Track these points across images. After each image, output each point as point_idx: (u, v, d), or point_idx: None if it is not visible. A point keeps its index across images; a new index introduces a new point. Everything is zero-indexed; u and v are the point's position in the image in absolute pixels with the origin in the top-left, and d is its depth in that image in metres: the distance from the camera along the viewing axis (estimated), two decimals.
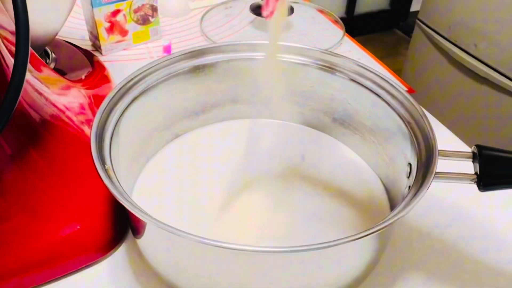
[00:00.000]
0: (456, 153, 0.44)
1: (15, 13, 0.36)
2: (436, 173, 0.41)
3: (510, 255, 0.50)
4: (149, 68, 0.51)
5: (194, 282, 0.42)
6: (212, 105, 0.59)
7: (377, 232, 0.36)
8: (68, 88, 0.56)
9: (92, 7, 0.72)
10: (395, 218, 0.37)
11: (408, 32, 2.40)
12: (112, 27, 0.76)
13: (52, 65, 0.65)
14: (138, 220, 0.41)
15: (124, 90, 0.49)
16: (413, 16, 1.82)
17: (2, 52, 0.40)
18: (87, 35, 0.80)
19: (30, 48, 0.37)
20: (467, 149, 0.46)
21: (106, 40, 0.76)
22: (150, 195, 0.51)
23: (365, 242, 0.40)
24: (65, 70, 0.65)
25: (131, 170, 0.51)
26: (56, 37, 0.64)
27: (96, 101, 0.58)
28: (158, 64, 0.52)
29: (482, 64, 1.25)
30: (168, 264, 0.43)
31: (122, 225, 0.50)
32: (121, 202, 0.37)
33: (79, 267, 0.47)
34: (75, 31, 0.81)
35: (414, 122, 0.47)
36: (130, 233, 0.50)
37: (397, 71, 0.89)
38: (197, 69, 0.55)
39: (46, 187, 0.46)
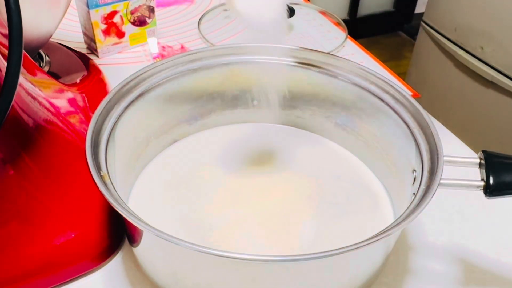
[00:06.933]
0: (462, 159, 0.43)
1: (8, 15, 0.35)
2: (442, 179, 0.40)
3: None
4: (146, 71, 0.51)
5: None
6: (211, 109, 0.58)
7: (380, 241, 0.36)
8: (62, 92, 0.55)
9: (89, 8, 0.71)
10: (399, 226, 0.37)
11: (413, 34, 2.41)
12: (109, 29, 0.75)
13: (46, 69, 0.65)
14: (135, 228, 0.40)
15: (120, 94, 0.48)
16: (418, 18, 1.82)
17: None
18: (82, 38, 0.79)
19: (23, 51, 0.36)
20: (473, 154, 0.46)
21: (102, 42, 0.75)
22: (147, 202, 0.51)
23: (368, 250, 0.39)
24: (59, 74, 0.65)
25: (127, 177, 0.51)
26: (50, 39, 0.63)
27: (91, 105, 0.58)
28: (155, 67, 0.51)
29: (489, 68, 1.24)
30: (166, 273, 0.43)
31: (118, 233, 0.50)
32: (117, 209, 0.36)
33: (74, 276, 0.46)
34: (69, 33, 0.81)
35: (419, 127, 0.46)
36: (126, 242, 0.50)
37: (401, 75, 0.89)
38: (195, 73, 0.54)
39: (39, 193, 0.45)
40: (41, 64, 0.65)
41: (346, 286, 0.42)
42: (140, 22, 0.78)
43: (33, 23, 0.57)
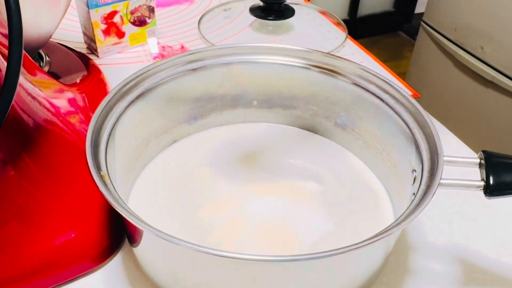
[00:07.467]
0: (462, 159, 0.43)
1: (8, 15, 0.35)
2: (442, 179, 0.40)
3: None
4: (146, 71, 0.50)
5: None
6: (211, 109, 0.58)
7: (380, 241, 0.35)
8: (62, 92, 0.55)
9: (89, 8, 0.71)
10: (399, 226, 0.37)
11: (413, 34, 2.40)
12: (109, 29, 0.75)
13: (46, 69, 0.65)
14: (135, 228, 0.40)
15: (120, 94, 0.48)
16: (418, 18, 1.81)
17: None
18: (82, 38, 0.78)
19: (23, 51, 0.36)
20: (473, 154, 0.46)
21: (102, 43, 0.75)
22: (147, 202, 0.50)
23: (368, 250, 0.39)
24: (59, 74, 0.64)
25: (127, 177, 0.50)
26: (50, 39, 0.63)
27: (91, 105, 0.58)
28: (155, 67, 0.51)
29: (489, 68, 1.24)
30: (166, 273, 0.43)
31: (118, 233, 0.49)
32: (117, 209, 0.36)
33: (74, 277, 0.46)
34: (69, 33, 0.80)
35: (419, 127, 0.46)
36: (126, 242, 0.50)
37: (401, 75, 0.88)
38: (195, 73, 0.54)
39: (39, 193, 0.45)
40: (41, 64, 0.65)
41: (346, 286, 0.42)
42: (140, 22, 0.78)
43: (33, 23, 0.56)
